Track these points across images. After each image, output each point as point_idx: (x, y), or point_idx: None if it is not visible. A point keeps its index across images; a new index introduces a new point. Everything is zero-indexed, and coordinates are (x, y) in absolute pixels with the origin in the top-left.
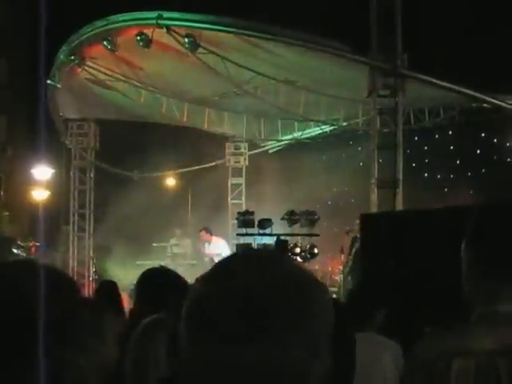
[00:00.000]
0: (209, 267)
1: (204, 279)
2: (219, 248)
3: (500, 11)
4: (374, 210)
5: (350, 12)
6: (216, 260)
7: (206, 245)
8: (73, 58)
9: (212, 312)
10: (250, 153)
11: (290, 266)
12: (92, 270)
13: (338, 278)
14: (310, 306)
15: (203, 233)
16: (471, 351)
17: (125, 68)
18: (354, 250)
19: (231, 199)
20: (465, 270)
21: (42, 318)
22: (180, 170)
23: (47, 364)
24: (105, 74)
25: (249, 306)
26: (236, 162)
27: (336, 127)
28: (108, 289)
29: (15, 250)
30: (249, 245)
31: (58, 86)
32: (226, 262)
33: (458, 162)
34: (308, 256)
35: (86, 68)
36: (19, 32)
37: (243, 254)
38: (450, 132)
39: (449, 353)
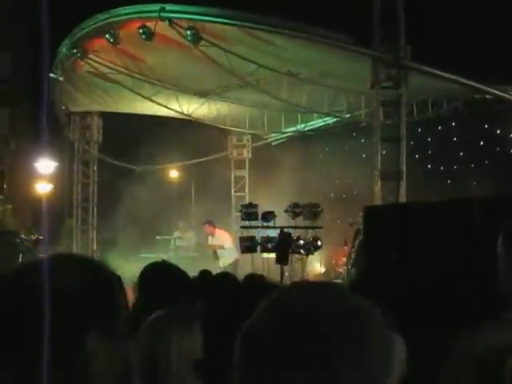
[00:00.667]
0: (212, 259)
1: (267, 307)
2: (222, 240)
3: (503, 2)
4: (377, 202)
5: (353, 4)
6: (219, 252)
7: (210, 237)
8: (75, 51)
9: (273, 338)
10: (253, 145)
11: (357, 300)
12: None
13: (342, 269)
14: (370, 344)
15: (206, 226)
16: None
17: (127, 61)
18: (357, 242)
19: (234, 192)
20: (501, 265)
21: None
22: (183, 163)
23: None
24: (107, 67)
25: (311, 332)
26: (239, 155)
27: (339, 119)
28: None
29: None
30: (252, 237)
31: (61, 79)
32: (288, 290)
33: (461, 153)
34: (311, 248)
35: (89, 61)
36: (22, 25)
37: (304, 284)
38: (453, 123)
39: (503, 350)
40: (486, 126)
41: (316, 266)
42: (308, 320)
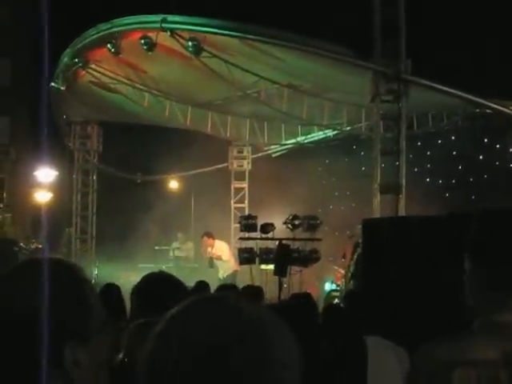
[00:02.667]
0: (211, 270)
1: (153, 337)
2: (221, 251)
3: (503, 17)
4: (376, 215)
5: (354, 17)
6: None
7: (209, 249)
8: (77, 60)
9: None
10: (254, 156)
11: (241, 306)
12: (94, 272)
13: (340, 282)
14: (266, 345)
15: (205, 238)
16: (473, 361)
17: (128, 71)
18: (356, 255)
19: (234, 203)
20: (467, 280)
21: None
22: (183, 173)
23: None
24: (108, 76)
25: (202, 353)
26: (239, 166)
27: (339, 132)
28: (111, 292)
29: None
30: (251, 249)
31: (62, 88)
32: (172, 317)
33: (460, 167)
34: (310, 260)
35: (90, 71)
36: (23, 34)
37: (196, 300)
38: (453, 137)
39: (450, 362)
40: (486, 140)
41: (314, 278)
42: (202, 344)
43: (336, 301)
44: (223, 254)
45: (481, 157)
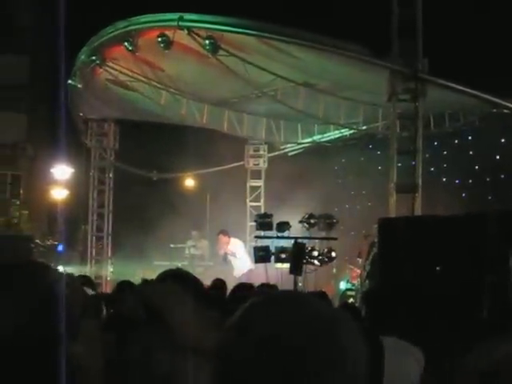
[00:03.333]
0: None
1: (230, 329)
2: (235, 250)
3: None
4: (392, 214)
5: (371, 16)
6: (232, 261)
7: (224, 247)
8: (94, 58)
9: (243, 365)
10: (270, 155)
11: (317, 306)
12: (110, 270)
13: (356, 281)
14: (341, 345)
15: (221, 236)
16: None
17: (145, 69)
18: (372, 254)
19: (250, 201)
20: None
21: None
22: (199, 172)
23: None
24: (125, 74)
25: (279, 351)
26: (255, 165)
27: (355, 131)
28: (126, 289)
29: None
30: (266, 247)
31: (79, 86)
32: (250, 309)
33: (476, 167)
34: (325, 259)
35: (107, 69)
36: (41, 31)
37: (266, 297)
38: (470, 137)
39: (500, 361)
40: (503, 140)
41: (329, 277)
42: (279, 342)
43: (351, 300)
44: (237, 251)
45: (497, 157)
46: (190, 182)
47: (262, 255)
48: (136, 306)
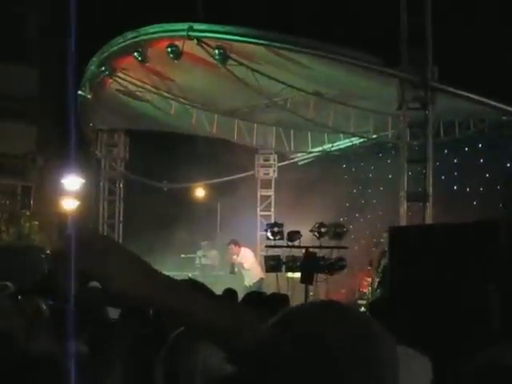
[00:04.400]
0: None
1: (274, 325)
2: (245, 259)
3: None
4: (402, 223)
5: (381, 25)
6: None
7: (235, 257)
8: (103, 69)
9: (285, 359)
10: (280, 164)
11: (360, 315)
12: None
13: (367, 290)
14: (380, 355)
15: (232, 246)
16: None
17: (155, 79)
18: (382, 263)
19: (260, 211)
20: None
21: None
22: (209, 181)
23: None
24: (135, 85)
25: (323, 352)
26: (265, 174)
27: (366, 140)
28: None
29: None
30: (277, 257)
31: (89, 96)
32: (294, 309)
33: (487, 175)
34: (336, 268)
35: (117, 79)
36: (51, 43)
37: (310, 304)
38: (480, 145)
39: None
40: None
41: (340, 286)
42: (323, 340)
43: (362, 309)
44: (246, 262)
45: (508, 165)
46: (200, 192)
47: (272, 264)
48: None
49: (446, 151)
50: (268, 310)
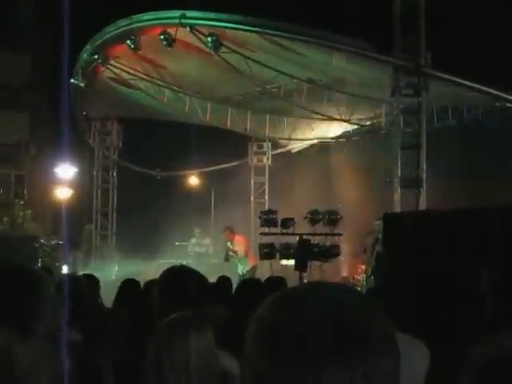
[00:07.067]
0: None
1: (276, 304)
2: (238, 246)
3: None
4: (396, 209)
5: (374, 11)
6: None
7: (229, 243)
8: (96, 57)
9: (300, 337)
10: (273, 152)
11: (351, 291)
12: (115, 268)
13: (361, 277)
14: (384, 320)
15: (227, 232)
16: None
17: (148, 67)
18: (376, 249)
19: (254, 198)
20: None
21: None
22: (203, 169)
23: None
24: (128, 73)
25: (339, 323)
26: (259, 161)
27: (359, 127)
28: (130, 287)
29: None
30: (271, 244)
31: (82, 84)
32: (295, 288)
33: (480, 161)
34: (330, 255)
35: (110, 67)
36: (43, 30)
37: (308, 284)
38: (474, 131)
39: None
40: (506, 133)
41: (334, 272)
42: (333, 319)
43: None
44: (239, 249)
45: (501, 150)
46: (194, 180)
47: (267, 252)
48: None
49: (439, 137)
50: (266, 294)
